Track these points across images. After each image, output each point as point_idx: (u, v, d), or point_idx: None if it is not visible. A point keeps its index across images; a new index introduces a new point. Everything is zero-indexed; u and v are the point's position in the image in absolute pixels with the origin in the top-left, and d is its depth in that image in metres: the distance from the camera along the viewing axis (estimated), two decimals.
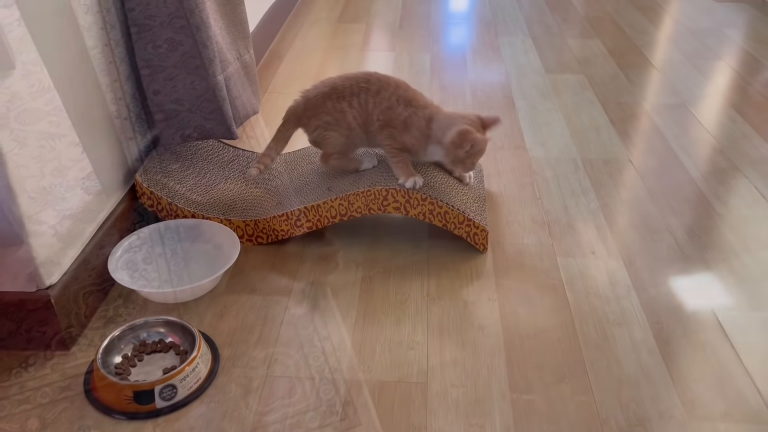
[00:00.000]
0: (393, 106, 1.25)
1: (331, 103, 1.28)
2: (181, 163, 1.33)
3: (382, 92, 1.25)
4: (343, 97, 1.27)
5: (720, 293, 1.18)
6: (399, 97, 1.25)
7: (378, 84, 1.26)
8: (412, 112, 1.24)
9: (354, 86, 1.27)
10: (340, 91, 1.28)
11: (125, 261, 1.16)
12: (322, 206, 1.24)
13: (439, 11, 2.71)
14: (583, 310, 1.14)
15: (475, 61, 2.19)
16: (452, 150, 1.23)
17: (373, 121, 1.27)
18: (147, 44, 1.19)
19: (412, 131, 1.24)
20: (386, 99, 1.25)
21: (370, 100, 1.26)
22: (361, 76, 1.28)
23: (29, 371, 1.00)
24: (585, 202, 1.44)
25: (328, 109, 1.28)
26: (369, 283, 1.20)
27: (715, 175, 1.55)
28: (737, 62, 2.20)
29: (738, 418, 0.94)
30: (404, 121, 1.24)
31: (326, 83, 1.30)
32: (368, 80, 1.27)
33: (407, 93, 1.26)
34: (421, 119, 1.24)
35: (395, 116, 1.25)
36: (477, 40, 2.39)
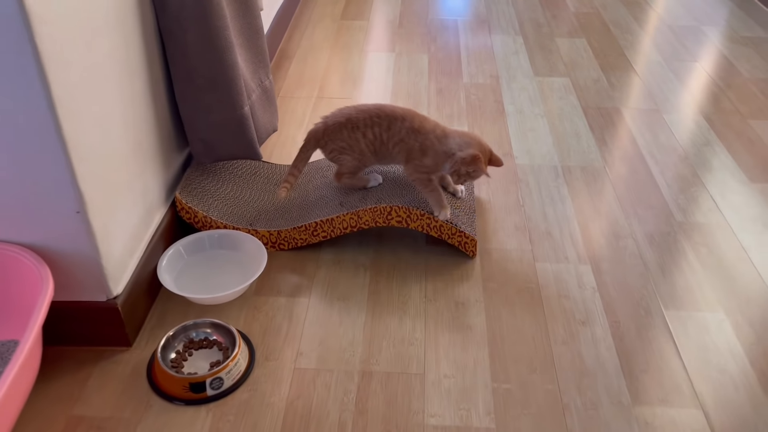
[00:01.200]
0: (405, 138, 1.45)
1: (347, 133, 1.48)
2: (212, 179, 1.54)
3: (392, 126, 1.45)
4: (357, 128, 1.47)
5: (670, 295, 1.41)
6: (407, 128, 1.45)
7: (387, 119, 1.45)
8: (423, 138, 1.44)
9: (367, 119, 1.47)
10: (354, 122, 1.47)
11: (170, 268, 1.38)
12: (335, 219, 1.46)
13: (436, 6, 2.87)
14: (554, 311, 1.37)
15: (469, 63, 2.37)
16: (460, 164, 1.42)
17: (389, 150, 1.47)
18: (185, 81, 1.38)
19: (429, 154, 1.44)
20: (397, 132, 1.45)
21: (384, 133, 1.46)
22: (373, 110, 1.47)
23: (102, 363, 1.23)
24: (562, 209, 1.66)
25: (343, 137, 1.48)
26: (376, 286, 1.42)
27: (678, 182, 1.76)
28: (712, 65, 2.38)
29: (673, 404, 1.18)
30: (420, 148, 1.44)
31: (343, 113, 1.49)
32: (379, 115, 1.46)
33: (414, 123, 1.45)
34: (433, 140, 1.44)
35: (410, 147, 1.45)
36: (471, 39, 2.56)
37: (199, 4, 1.30)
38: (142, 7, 1.27)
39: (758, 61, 2.41)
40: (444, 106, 2.10)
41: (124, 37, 1.20)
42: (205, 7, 1.31)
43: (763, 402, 1.18)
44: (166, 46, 1.36)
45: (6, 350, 1.16)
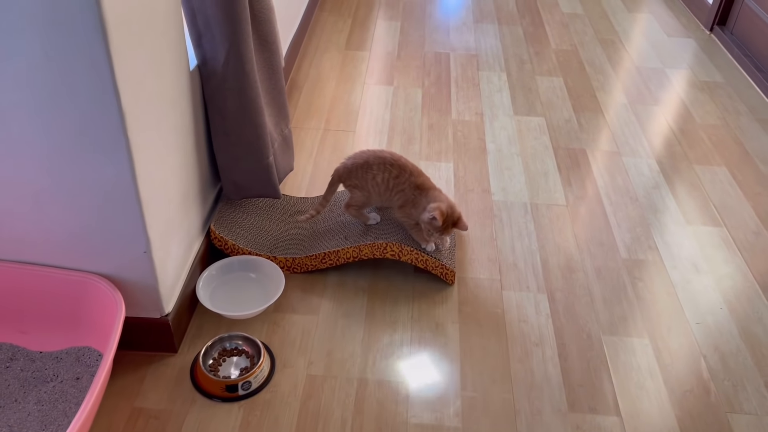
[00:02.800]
0: (405, 190, 1.77)
1: (362, 173, 1.79)
2: (239, 212, 1.86)
3: (400, 176, 1.77)
4: (370, 170, 1.78)
5: (608, 323, 1.75)
6: (411, 183, 1.77)
7: (398, 169, 1.77)
8: (418, 194, 1.76)
9: (381, 165, 1.78)
10: (370, 165, 1.79)
11: (205, 288, 1.71)
12: (340, 251, 1.78)
13: (432, 38, 3.17)
14: (514, 333, 1.71)
15: (458, 99, 2.69)
16: (423, 212, 1.74)
17: (391, 196, 1.79)
18: (222, 137, 1.70)
19: (418, 208, 1.77)
20: (402, 183, 1.77)
21: (391, 180, 1.77)
22: (388, 158, 1.78)
23: (154, 366, 1.56)
24: (528, 244, 1.99)
25: (359, 176, 1.80)
26: (372, 307, 1.75)
27: (627, 222, 2.10)
28: (670, 110, 2.71)
29: (599, 412, 1.52)
30: (413, 201, 1.76)
31: (363, 156, 1.81)
32: (392, 164, 1.77)
33: (417, 180, 1.77)
34: (423, 200, 1.76)
35: (408, 199, 1.77)
36: (461, 74, 2.87)
37: (237, 78, 1.61)
38: (193, 81, 1.58)
39: (711, 107, 2.74)
40: (434, 141, 2.42)
41: (181, 108, 1.52)
42: (243, 82, 1.62)
43: (669, 413, 1.53)
44: (209, 109, 1.67)
45: (83, 354, 1.48)
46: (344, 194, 1.94)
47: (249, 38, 1.60)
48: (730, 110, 2.73)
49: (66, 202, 1.34)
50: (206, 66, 1.61)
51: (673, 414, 1.53)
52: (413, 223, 1.79)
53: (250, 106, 1.66)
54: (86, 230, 1.38)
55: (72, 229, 1.38)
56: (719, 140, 2.53)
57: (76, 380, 1.44)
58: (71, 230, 1.38)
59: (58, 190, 1.32)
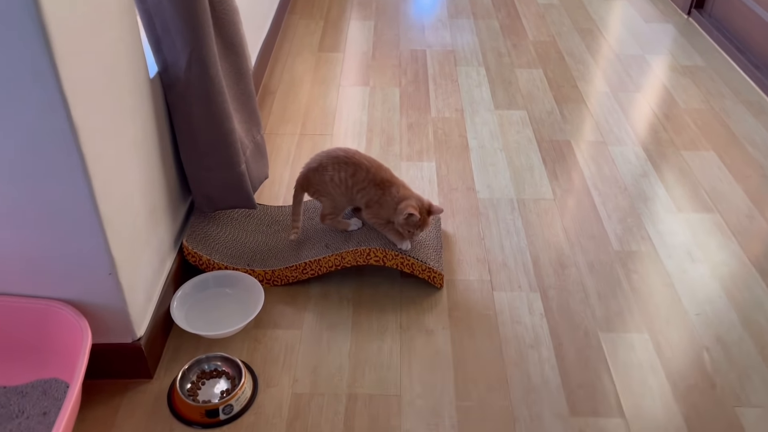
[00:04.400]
0: (367, 188, 1.68)
1: (319, 177, 1.71)
2: (213, 225, 1.77)
3: (357, 174, 1.68)
4: (325, 171, 1.69)
5: (605, 319, 1.68)
6: (370, 180, 1.68)
7: (354, 167, 1.68)
8: (381, 194, 1.68)
9: (335, 164, 1.69)
10: (324, 167, 1.70)
11: (180, 307, 1.61)
12: (322, 260, 1.70)
13: (406, 37, 3.10)
14: (508, 335, 1.63)
15: (437, 96, 2.62)
16: (397, 215, 1.67)
17: (354, 195, 1.70)
18: (190, 146, 1.61)
19: (385, 207, 1.69)
20: (361, 180, 1.68)
21: (349, 179, 1.68)
22: (342, 156, 1.69)
23: (129, 394, 1.46)
24: (516, 241, 1.92)
25: (316, 181, 1.72)
26: (358, 317, 1.67)
27: (617, 212, 2.03)
28: (653, 96, 2.66)
29: (602, 414, 1.45)
30: (378, 200, 1.68)
31: (316, 159, 1.72)
32: (347, 162, 1.68)
33: (377, 175, 1.68)
34: (388, 197, 1.68)
35: (372, 198, 1.68)
36: (438, 70, 2.80)
37: (202, 83, 1.52)
38: (154, 89, 1.49)
39: (694, 90, 2.69)
40: (414, 141, 2.35)
41: (142, 119, 1.42)
42: (208, 87, 1.53)
43: (675, 410, 1.46)
44: (173, 119, 1.58)
45: (49, 387, 1.39)
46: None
47: (212, 42, 1.51)
48: (714, 93, 2.68)
49: (19, 225, 1.24)
50: (167, 73, 1.52)
51: (678, 411, 1.46)
52: (383, 222, 1.71)
53: (218, 113, 1.57)
54: (44, 253, 1.28)
55: (29, 253, 1.29)
56: (705, 124, 2.47)
57: (43, 415, 1.34)
58: (28, 254, 1.29)
59: (9, 213, 1.23)
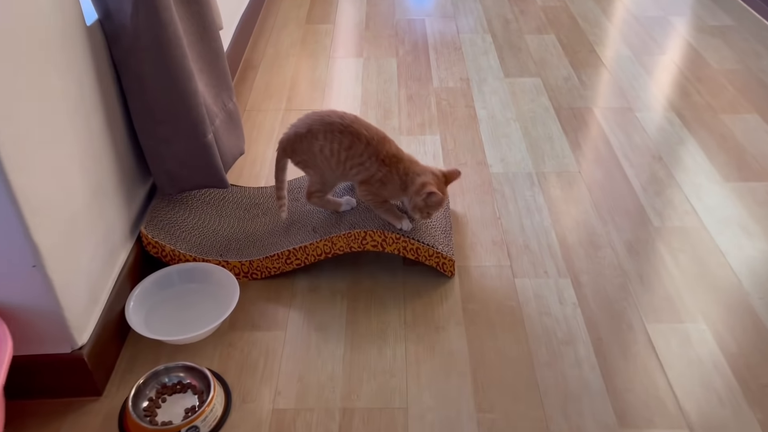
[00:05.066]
0: (365, 163, 1.39)
1: (306, 145, 1.41)
2: (178, 209, 1.48)
3: (354, 146, 1.38)
4: (315, 140, 1.40)
5: (651, 307, 1.39)
6: (371, 154, 1.38)
7: (350, 138, 1.38)
8: (386, 171, 1.38)
9: (327, 132, 1.39)
10: (314, 133, 1.40)
11: (138, 308, 1.33)
12: (309, 247, 1.41)
13: (403, 5, 2.82)
14: (536, 330, 1.34)
15: (438, 66, 2.33)
16: (414, 197, 1.39)
17: (346, 171, 1.41)
18: (144, 114, 1.33)
19: (388, 187, 1.40)
20: (358, 155, 1.39)
21: (342, 152, 1.39)
22: (337, 124, 1.39)
23: (71, 416, 1.18)
24: (539, 220, 1.63)
25: (303, 150, 1.42)
26: (353, 314, 1.38)
27: (653, 185, 1.75)
28: (680, 58, 2.37)
29: (659, 425, 1.16)
30: (380, 179, 1.39)
31: (306, 122, 1.42)
32: (342, 131, 1.39)
33: (381, 148, 1.39)
34: (395, 176, 1.39)
35: (371, 175, 1.39)
36: (440, 39, 2.52)
37: (154, 34, 1.24)
38: (93, 40, 1.21)
39: (726, 51, 2.40)
40: (415, 113, 2.06)
41: (76, 77, 1.14)
42: (161, 37, 1.25)
43: (749, 417, 1.17)
44: (122, 79, 1.30)
45: None
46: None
47: None
48: (749, 53, 2.39)
49: None
50: (111, 20, 1.24)
51: (753, 417, 1.17)
52: (380, 201, 1.43)
53: (175, 70, 1.29)
54: None
55: None
56: (743, 85, 2.18)
57: None
58: None
59: None
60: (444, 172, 1.42)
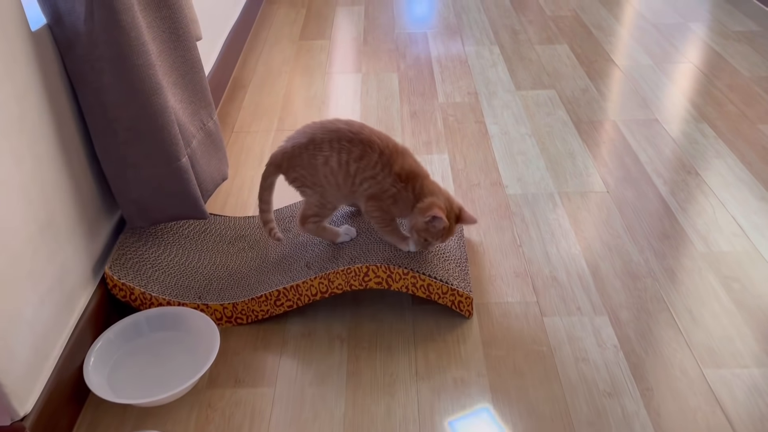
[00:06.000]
0: (377, 176, 1.19)
1: (307, 158, 1.21)
2: (151, 244, 1.28)
3: (365, 157, 1.19)
4: (320, 151, 1.20)
5: (707, 349, 1.18)
6: (384, 165, 1.19)
7: (361, 147, 1.19)
8: (401, 187, 1.19)
9: (334, 141, 1.20)
10: (318, 143, 1.20)
11: (100, 365, 1.12)
12: (302, 285, 1.21)
13: (403, 19, 2.65)
14: (572, 380, 1.13)
15: (443, 80, 2.15)
16: (417, 216, 1.19)
17: (355, 187, 1.22)
18: (106, 134, 1.13)
19: (399, 204, 1.21)
20: (370, 167, 1.19)
21: (352, 164, 1.19)
22: (345, 131, 1.20)
23: None
24: (566, 247, 1.43)
25: (303, 163, 1.22)
26: (355, 363, 1.17)
27: (692, 203, 1.54)
28: (706, 64, 2.18)
29: None
30: (393, 195, 1.20)
31: (306, 132, 1.23)
32: (351, 140, 1.19)
33: (393, 160, 1.20)
34: (409, 193, 1.20)
35: (383, 190, 1.20)
36: (444, 53, 2.34)
37: (113, 40, 1.05)
38: (40, 48, 1.02)
39: (756, 58, 2.21)
40: (420, 131, 1.87)
41: (17, 88, 0.95)
42: (121, 44, 1.06)
43: None
44: (78, 94, 1.11)
45: None
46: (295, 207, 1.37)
47: None
48: None
49: None
50: (61, 24, 1.05)
51: None
52: (388, 220, 1.23)
53: (139, 82, 1.10)
54: None
55: None
56: None
57: None
58: None
59: None
60: (461, 208, 1.22)
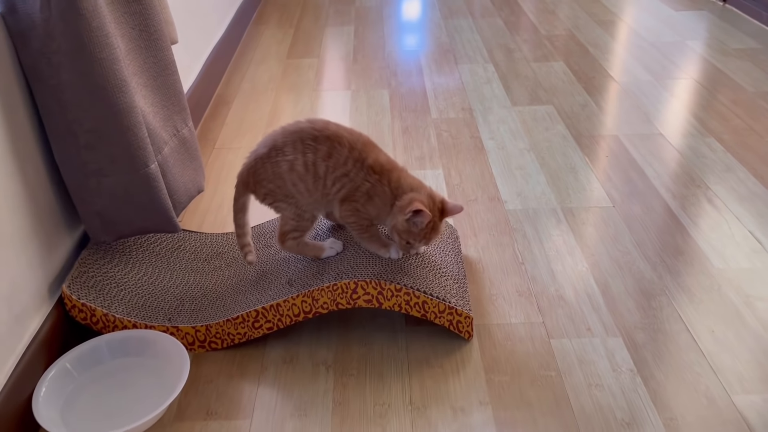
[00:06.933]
0: (350, 173, 1.09)
1: (270, 167, 1.10)
2: (117, 261, 1.16)
3: (334, 154, 1.08)
4: (282, 155, 1.09)
5: (733, 373, 1.06)
6: (356, 160, 1.09)
7: (328, 144, 1.08)
8: (375, 181, 1.09)
9: (297, 143, 1.09)
10: (280, 148, 1.09)
11: (53, 396, 0.99)
12: (283, 305, 1.09)
13: (393, 38, 2.58)
14: (586, 409, 1.01)
15: (436, 96, 2.06)
16: (397, 214, 1.08)
17: (327, 187, 1.10)
18: (65, 137, 1.02)
19: (375, 201, 1.09)
20: (341, 164, 1.08)
21: (320, 163, 1.08)
22: (307, 130, 1.09)
23: None
24: (572, 264, 1.32)
25: (268, 176, 1.11)
26: (342, 392, 1.05)
27: (705, 218, 1.44)
28: (708, 80, 2.11)
29: None
30: (367, 192, 1.09)
31: (266, 141, 1.12)
32: (316, 137, 1.09)
33: (365, 154, 1.09)
34: (385, 187, 1.09)
35: (355, 187, 1.09)
36: (437, 70, 2.26)
37: (72, 30, 0.95)
38: None
39: (759, 74, 2.14)
40: (412, 146, 1.77)
41: None
42: (82, 35, 0.96)
43: None
44: (34, 92, 1.00)
45: None
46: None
47: None
48: None
49: None
50: (15, 14, 0.95)
51: None
52: (365, 224, 1.12)
53: (102, 78, 0.99)
54: None
55: None
56: None
57: None
58: None
59: None
60: (444, 200, 1.11)
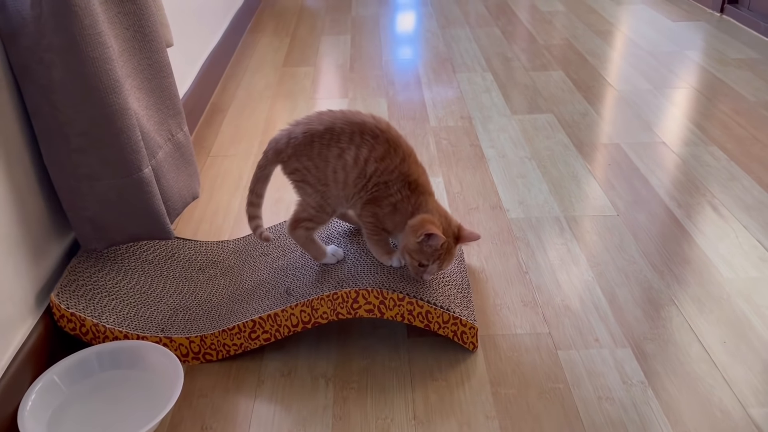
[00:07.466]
0: (390, 182, 1.06)
1: (319, 147, 1.05)
2: (108, 269, 1.12)
3: (387, 159, 1.05)
4: (337, 141, 1.04)
5: (748, 385, 1.03)
6: (402, 172, 1.06)
7: (386, 147, 1.05)
8: (405, 197, 1.06)
9: (356, 134, 1.04)
10: (337, 134, 1.05)
11: (40, 410, 0.94)
12: (281, 315, 1.05)
13: (391, 47, 2.55)
14: (597, 423, 0.97)
15: (435, 105, 2.03)
16: (409, 234, 1.04)
17: (366, 188, 1.06)
18: (55, 139, 0.98)
19: (395, 217, 1.06)
20: (389, 171, 1.05)
21: (372, 163, 1.05)
22: (370, 125, 1.05)
23: None
24: (578, 273, 1.28)
25: (312, 153, 1.06)
26: (342, 407, 1.00)
27: (711, 227, 1.41)
28: (709, 90, 2.09)
29: None
30: (394, 204, 1.06)
31: (323, 119, 1.07)
32: (376, 136, 1.04)
33: (411, 169, 1.07)
34: (408, 206, 1.06)
35: (386, 196, 1.06)
36: (434, 79, 2.23)
37: (64, 27, 0.92)
38: None
39: (760, 83, 2.13)
40: None
41: None
42: (74, 33, 0.92)
43: None
44: (24, 92, 0.96)
45: None
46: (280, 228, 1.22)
47: None
48: None
49: None
50: (5, 10, 0.91)
51: None
52: (378, 229, 1.09)
53: (94, 78, 0.96)
54: None
55: None
56: None
57: None
58: None
59: None
60: (460, 226, 1.08)
